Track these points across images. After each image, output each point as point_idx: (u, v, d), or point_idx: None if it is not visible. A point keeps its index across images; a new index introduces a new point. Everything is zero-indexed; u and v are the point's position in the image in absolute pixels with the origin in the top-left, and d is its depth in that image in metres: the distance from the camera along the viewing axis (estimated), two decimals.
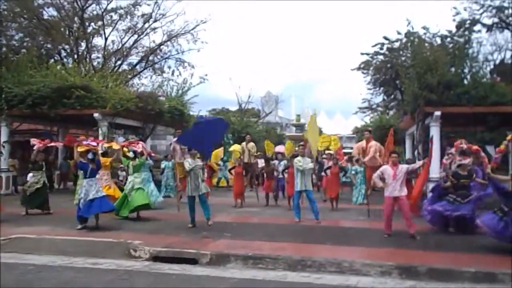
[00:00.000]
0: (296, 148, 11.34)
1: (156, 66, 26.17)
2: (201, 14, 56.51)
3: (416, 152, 13.24)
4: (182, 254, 6.58)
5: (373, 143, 11.44)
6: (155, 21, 24.32)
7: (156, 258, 6.62)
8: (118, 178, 12.64)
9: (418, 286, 5.44)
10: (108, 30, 24.17)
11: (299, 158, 9.43)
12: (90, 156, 8.70)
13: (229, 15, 78.21)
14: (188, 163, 8.67)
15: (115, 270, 6.07)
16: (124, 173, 12.54)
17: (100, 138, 13.92)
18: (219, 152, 16.00)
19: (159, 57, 26.05)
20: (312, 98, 77.79)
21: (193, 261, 6.43)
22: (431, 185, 10.18)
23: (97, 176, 8.88)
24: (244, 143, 13.76)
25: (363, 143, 12.46)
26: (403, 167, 7.90)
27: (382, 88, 25.97)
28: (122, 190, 10.31)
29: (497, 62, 22.42)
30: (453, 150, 9.67)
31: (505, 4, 22.00)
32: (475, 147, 9.77)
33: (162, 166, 14.01)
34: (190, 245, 6.94)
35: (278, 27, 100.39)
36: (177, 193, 11.67)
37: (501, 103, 11.38)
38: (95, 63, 23.51)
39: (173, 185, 12.48)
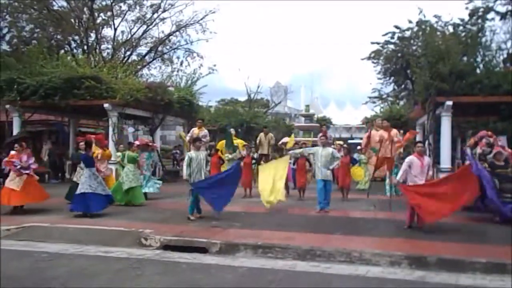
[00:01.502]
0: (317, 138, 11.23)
1: (165, 56, 26.24)
2: (210, 4, 56.34)
3: (427, 143, 13.12)
4: (192, 243, 6.64)
5: (394, 131, 11.20)
6: (164, 11, 24.33)
7: (166, 246, 6.69)
8: None
9: (427, 276, 5.42)
10: (117, 21, 24.27)
11: (317, 148, 9.46)
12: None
13: (238, 5, 77.90)
14: (189, 155, 8.55)
15: (126, 258, 6.16)
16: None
17: (110, 128, 14.06)
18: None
19: (168, 47, 26.12)
20: (322, 88, 77.24)
21: (203, 250, 6.49)
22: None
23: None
24: (262, 134, 13.73)
25: (380, 132, 12.02)
26: (428, 160, 7.69)
27: (392, 78, 25.62)
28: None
29: (511, 50, 21.96)
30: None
31: None
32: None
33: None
34: (200, 234, 7.01)
35: (288, 16, 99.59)
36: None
37: None
38: (104, 54, 23.64)
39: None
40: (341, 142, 16.12)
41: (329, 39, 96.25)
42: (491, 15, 21.93)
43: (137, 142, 11.39)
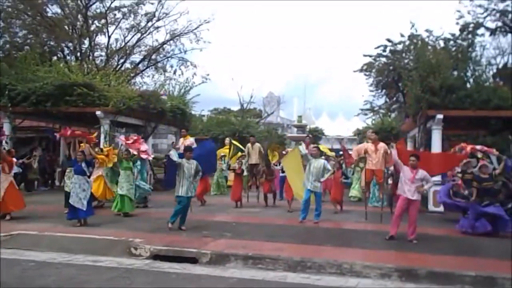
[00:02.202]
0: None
1: (159, 65, 26.21)
2: (204, 14, 56.62)
3: None
4: (183, 253, 6.59)
5: (381, 144, 11.37)
6: (158, 20, 24.37)
7: (156, 256, 6.64)
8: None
9: None
10: (111, 29, 24.24)
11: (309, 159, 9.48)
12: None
13: (233, 15, 78.42)
14: (182, 163, 8.39)
15: (115, 268, 6.09)
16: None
17: (102, 136, 13.98)
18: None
19: (161, 56, 26.12)
20: (314, 99, 77.70)
21: (193, 260, 6.45)
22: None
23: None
24: (249, 145, 13.73)
25: (367, 144, 12.28)
26: (422, 174, 7.67)
27: (384, 91, 25.92)
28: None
29: (500, 66, 22.35)
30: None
31: (509, 8, 21.97)
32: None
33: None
34: (191, 244, 6.96)
35: (281, 28, 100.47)
36: None
37: (504, 107, 11.40)
38: (98, 61, 23.57)
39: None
40: (332, 153, 16.20)
41: (323, 51, 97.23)
42: (481, 30, 22.42)
43: (122, 138, 11.25)
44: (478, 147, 10.33)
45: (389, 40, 23.53)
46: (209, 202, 12.35)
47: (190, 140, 12.97)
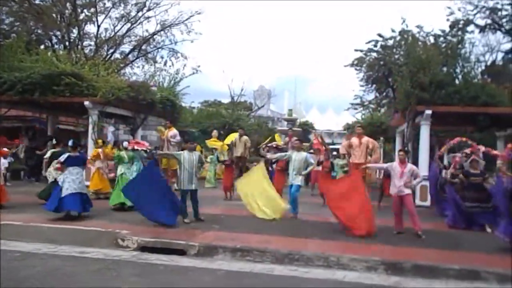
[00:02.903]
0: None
1: (149, 55, 25.96)
2: (196, 5, 56.18)
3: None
4: (170, 245, 6.58)
5: (365, 139, 11.49)
6: (149, 10, 24.08)
7: (144, 248, 6.61)
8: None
9: (403, 282, 5.51)
10: (101, 18, 23.87)
11: (291, 152, 9.48)
12: (70, 143, 8.74)
13: (224, 7, 77.78)
14: (183, 155, 8.35)
15: (102, 259, 6.05)
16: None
17: (90, 126, 13.82)
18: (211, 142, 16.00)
19: (152, 46, 25.86)
20: (305, 93, 77.70)
21: (181, 252, 6.44)
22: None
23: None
24: (236, 137, 13.70)
25: (352, 139, 12.44)
26: (411, 167, 7.76)
27: (374, 86, 25.98)
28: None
29: (489, 63, 22.62)
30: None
31: (498, 6, 22.17)
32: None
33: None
34: (179, 236, 6.94)
35: (273, 21, 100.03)
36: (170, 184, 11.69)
37: (491, 103, 11.52)
38: (86, 51, 23.21)
39: None
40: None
41: (314, 45, 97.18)
42: (470, 27, 22.60)
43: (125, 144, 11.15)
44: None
45: (380, 35, 23.54)
46: (199, 195, 12.31)
47: (173, 132, 12.94)
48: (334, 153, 14.94)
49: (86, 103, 13.55)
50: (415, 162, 11.57)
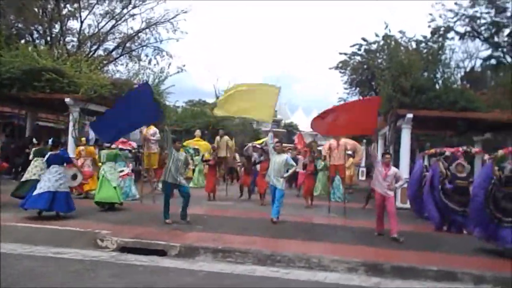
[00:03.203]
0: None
1: (133, 53, 25.65)
2: (182, 3, 55.76)
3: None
4: (151, 245, 6.50)
5: (343, 141, 11.70)
6: (134, 7, 23.81)
7: (123, 249, 6.51)
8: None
9: (383, 283, 5.57)
10: (84, 13, 23.47)
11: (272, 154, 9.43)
12: (50, 142, 8.59)
13: (211, 6, 77.50)
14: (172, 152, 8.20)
15: (80, 260, 5.93)
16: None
17: (71, 124, 13.57)
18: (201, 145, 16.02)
19: (136, 44, 25.56)
20: (290, 95, 78.17)
21: (162, 252, 6.37)
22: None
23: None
24: (218, 137, 13.67)
25: (331, 141, 12.67)
26: (394, 171, 7.83)
27: (358, 89, 26.36)
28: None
29: (468, 69, 23.18)
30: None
31: (477, 14, 22.76)
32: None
33: None
34: (160, 236, 6.87)
35: (260, 21, 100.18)
36: (151, 184, 11.59)
37: (470, 109, 11.80)
38: (69, 47, 22.79)
39: None
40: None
41: (300, 46, 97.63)
42: (451, 34, 23.17)
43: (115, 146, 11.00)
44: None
45: (364, 39, 23.90)
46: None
47: (153, 130, 12.82)
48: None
49: (67, 100, 13.30)
50: (396, 165, 11.74)
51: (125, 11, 23.86)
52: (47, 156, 8.42)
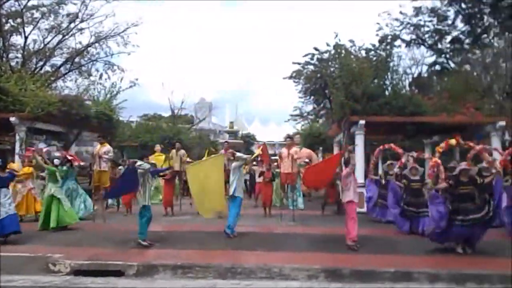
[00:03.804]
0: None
1: (83, 68, 24.77)
2: (132, 17, 54.82)
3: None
4: (107, 266, 6.26)
5: (293, 150, 11.91)
6: (82, 21, 23.04)
7: (78, 272, 6.22)
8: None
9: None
10: (28, 29, 22.47)
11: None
12: None
13: (162, 20, 76.77)
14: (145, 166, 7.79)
15: (30, 287, 5.60)
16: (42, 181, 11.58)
17: (17, 144, 12.87)
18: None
19: (86, 59, 24.69)
20: (246, 106, 78.66)
21: (119, 273, 6.14)
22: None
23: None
24: (174, 151, 13.45)
25: (282, 150, 12.84)
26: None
27: (312, 97, 26.84)
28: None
29: (415, 75, 24.37)
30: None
31: (421, 23, 24.11)
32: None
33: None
34: (116, 256, 6.63)
35: (213, 34, 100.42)
36: (101, 202, 11.21)
37: (418, 113, 12.38)
38: (13, 63, 21.70)
39: None
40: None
41: (254, 58, 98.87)
42: (398, 42, 24.32)
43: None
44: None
45: (316, 49, 24.46)
46: (134, 211, 11.89)
47: (107, 147, 12.45)
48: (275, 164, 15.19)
49: (12, 119, 12.61)
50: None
51: (72, 25, 23.07)
52: None
